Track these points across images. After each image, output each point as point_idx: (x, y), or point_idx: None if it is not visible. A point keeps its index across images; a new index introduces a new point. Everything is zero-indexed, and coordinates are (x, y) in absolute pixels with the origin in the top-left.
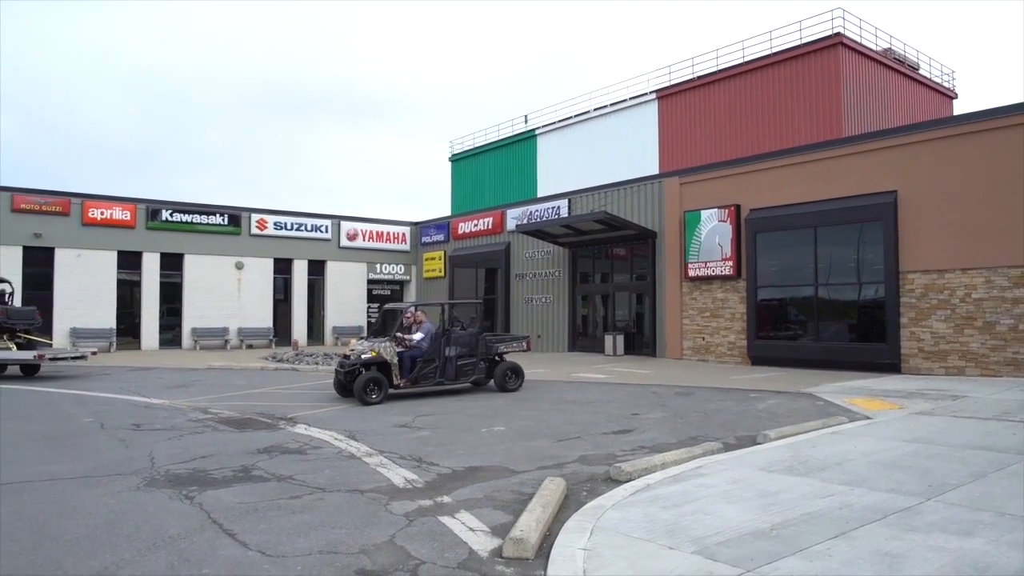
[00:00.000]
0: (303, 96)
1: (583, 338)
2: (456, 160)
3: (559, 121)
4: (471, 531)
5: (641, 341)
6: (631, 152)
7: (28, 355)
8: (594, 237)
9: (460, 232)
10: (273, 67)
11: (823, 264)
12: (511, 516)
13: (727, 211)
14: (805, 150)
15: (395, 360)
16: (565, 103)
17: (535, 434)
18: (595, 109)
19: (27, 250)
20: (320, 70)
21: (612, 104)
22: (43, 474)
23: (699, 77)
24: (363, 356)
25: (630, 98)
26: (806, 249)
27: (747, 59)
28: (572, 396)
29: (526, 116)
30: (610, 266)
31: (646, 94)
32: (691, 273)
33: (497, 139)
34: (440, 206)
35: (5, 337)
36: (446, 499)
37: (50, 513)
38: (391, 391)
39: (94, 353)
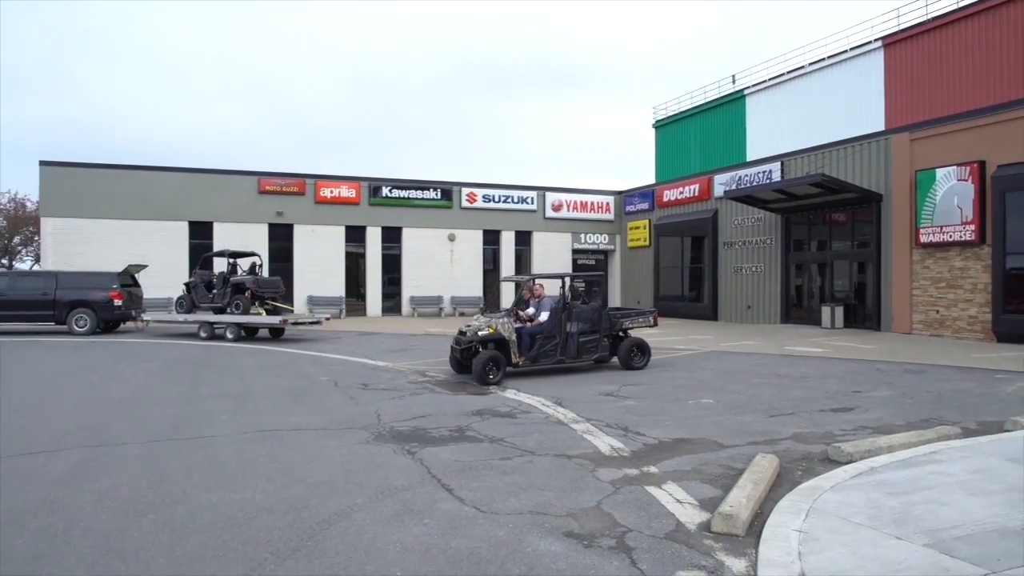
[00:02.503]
0: (505, 70)
1: (797, 309)
2: (660, 126)
3: (770, 79)
4: (678, 503)
5: (863, 313)
6: (852, 108)
7: (275, 320)
8: (810, 202)
9: (665, 200)
10: (476, 43)
11: None
12: (720, 491)
13: (968, 168)
14: None
15: (513, 337)
16: (776, 59)
17: (745, 408)
18: (810, 64)
19: (271, 227)
20: (520, 42)
21: (830, 56)
22: (290, 424)
23: (934, 18)
24: (480, 333)
25: (851, 48)
26: None
27: None
28: (785, 370)
29: (733, 76)
30: (828, 232)
31: (870, 43)
32: (923, 239)
33: (703, 102)
34: (644, 174)
35: (256, 304)
36: (652, 469)
37: (296, 459)
38: (509, 369)
39: (327, 319)
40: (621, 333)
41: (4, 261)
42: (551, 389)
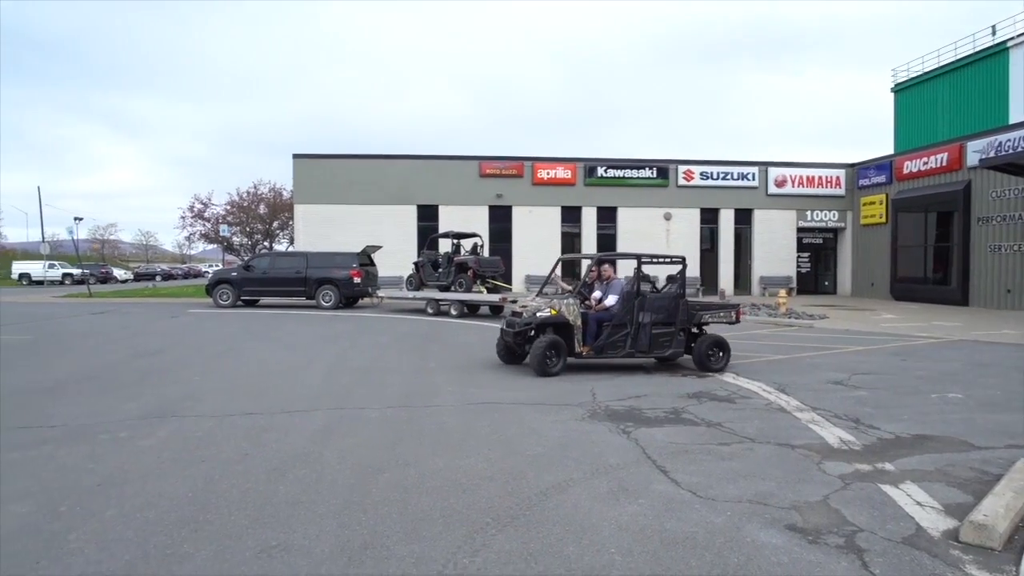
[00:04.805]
0: (719, 42)
1: None
2: (900, 90)
3: None
4: (918, 505)
5: None
6: None
7: (495, 298)
8: None
9: (905, 172)
10: (686, 16)
11: None
12: (970, 497)
13: None
14: None
15: (579, 322)
16: None
17: (1002, 406)
18: None
19: (491, 209)
20: (734, 10)
21: None
22: (509, 398)
23: None
24: (539, 314)
25: None
26: None
27: None
28: None
29: (993, 27)
30: None
31: None
32: None
33: (953, 60)
34: (880, 144)
35: (478, 282)
36: (888, 466)
37: (515, 431)
38: (570, 359)
39: None
40: (695, 328)
41: (266, 244)
42: (773, 375)
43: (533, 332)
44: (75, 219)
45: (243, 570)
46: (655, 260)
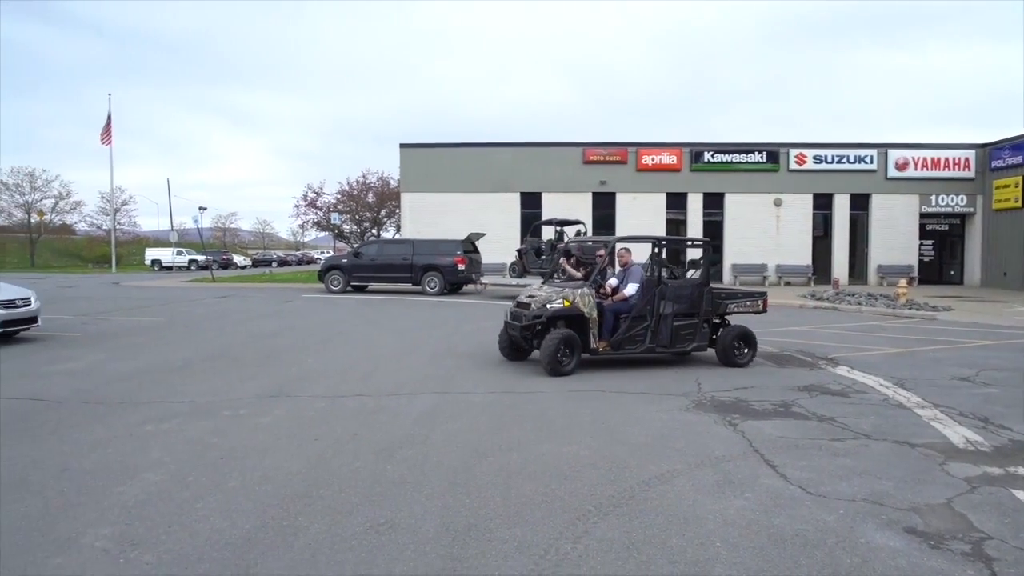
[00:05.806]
0: (832, 18)
1: None
2: None
3: None
4: None
5: None
6: None
7: None
8: None
9: None
10: None
11: None
12: None
13: None
14: None
15: (595, 314)
16: None
17: None
18: None
19: (595, 196)
20: None
21: None
22: (612, 386)
23: None
24: (550, 306)
25: None
26: None
27: None
28: None
29: None
30: None
31: None
32: None
33: None
34: (1014, 123)
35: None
36: (1021, 470)
37: (618, 420)
38: (584, 356)
39: None
40: (717, 319)
41: (374, 231)
42: (891, 369)
43: (542, 326)
44: (199, 208)
45: (353, 544)
46: (678, 244)
